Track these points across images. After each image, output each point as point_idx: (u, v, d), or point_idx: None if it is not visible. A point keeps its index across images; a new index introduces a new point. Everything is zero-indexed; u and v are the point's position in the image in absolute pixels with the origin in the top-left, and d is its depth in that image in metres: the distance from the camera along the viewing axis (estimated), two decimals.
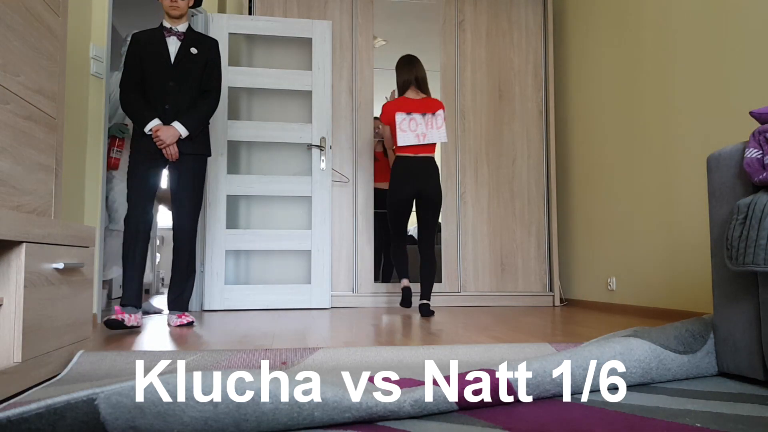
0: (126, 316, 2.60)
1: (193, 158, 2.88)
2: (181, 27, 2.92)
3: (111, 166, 3.49)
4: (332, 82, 4.16)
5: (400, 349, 1.93)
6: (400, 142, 3.41)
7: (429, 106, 3.47)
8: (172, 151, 2.79)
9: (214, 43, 2.97)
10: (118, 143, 3.52)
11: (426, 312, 3.36)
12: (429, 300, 3.42)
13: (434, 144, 3.48)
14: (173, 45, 2.89)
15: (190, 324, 2.86)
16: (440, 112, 3.47)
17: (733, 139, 2.89)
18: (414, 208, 3.54)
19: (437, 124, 3.43)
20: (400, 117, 3.42)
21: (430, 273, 3.44)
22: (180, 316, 2.86)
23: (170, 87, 2.84)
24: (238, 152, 4.11)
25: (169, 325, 2.88)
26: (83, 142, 3.11)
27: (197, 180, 2.89)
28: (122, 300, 2.69)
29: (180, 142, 2.82)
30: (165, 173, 3.00)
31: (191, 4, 2.94)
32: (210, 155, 2.99)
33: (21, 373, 1.42)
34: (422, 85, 3.52)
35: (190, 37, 2.92)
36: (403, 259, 3.54)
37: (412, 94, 3.51)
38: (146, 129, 2.76)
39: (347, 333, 2.55)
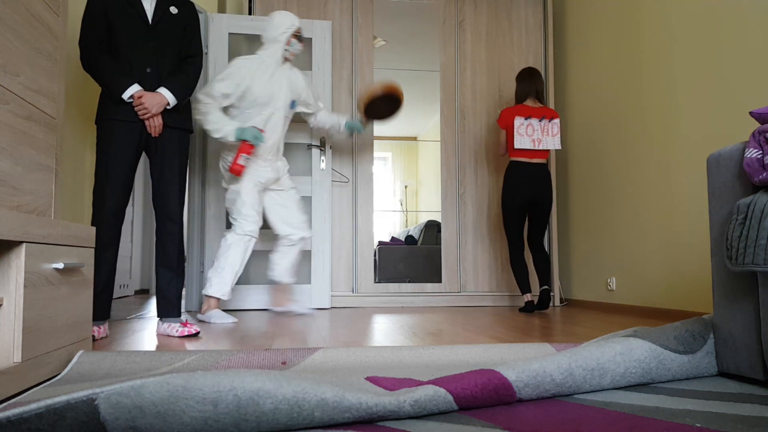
0: (96, 329, 2.34)
1: (179, 134, 2.51)
2: None
3: (234, 172, 3.03)
4: (332, 82, 4.17)
5: (400, 349, 1.93)
6: (517, 145, 3.59)
7: (546, 113, 3.66)
8: (157, 123, 2.39)
9: (192, 6, 2.63)
10: (248, 149, 3.01)
11: (545, 298, 3.54)
12: (549, 286, 3.62)
13: (548, 151, 3.67)
14: (148, 2, 2.48)
15: (196, 335, 2.44)
16: (556, 120, 3.65)
17: (733, 139, 2.89)
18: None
19: (553, 132, 3.62)
20: (518, 121, 3.60)
21: (545, 262, 3.65)
22: (185, 324, 2.44)
23: (150, 49, 2.43)
24: None
25: (162, 335, 2.47)
26: (83, 142, 3.10)
27: (183, 161, 2.52)
28: (101, 315, 2.39)
29: (164, 113, 2.44)
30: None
31: None
32: (193, 131, 2.63)
33: (21, 373, 1.42)
34: (540, 97, 3.74)
35: None
36: (524, 270, 3.67)
37: (530, 102, 3.71)
38: (125, 96, 2.34)
39: (347, 333, 2.55)
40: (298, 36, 3.22)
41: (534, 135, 3.58)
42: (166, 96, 2.41)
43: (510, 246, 3.70)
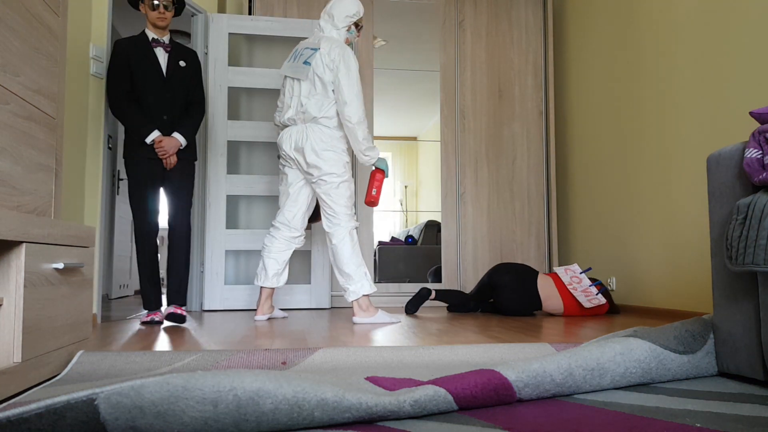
0: (158, 316, 2.97)
1: (187, 163, 3.06)
2: (166, 38, 3.04)
3: (376, 203, 3.07)
4: None
5: (400, 349, 1.93)
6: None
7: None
8: (173, 161, 2.96)
9: (195, 55, 3.15)
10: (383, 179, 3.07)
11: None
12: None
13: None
14: (162, 57, 3.00)
15: (182, 318, 2.89)
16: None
17: (733, 139, 2.89)
18: None
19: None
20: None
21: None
22: (177, 308, 2.96)
23: (166, 99, 2.98)
24: (238, 152, 4.11)
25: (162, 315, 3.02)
26: (83, 142, 3.11)
27: (191, 183, 3.08)
28: (149, 305, 2.99)
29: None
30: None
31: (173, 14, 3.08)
32: (197, 159, 3.17)
33: (21, 373, 1.42)
34: None
35: (176, 48, 3.06)
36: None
37: None
38: (147, 140, 2.89)
39: (347, 333, 2.56)
40: (360, 26, 3.16)
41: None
42: (180, 140, 2.97)
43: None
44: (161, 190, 3.04)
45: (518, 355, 1.96)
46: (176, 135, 2.96)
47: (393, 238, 5.30)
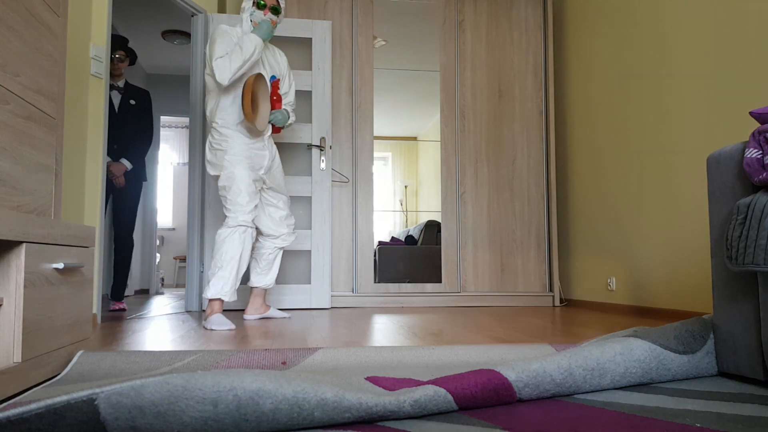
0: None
1: (135, 183, 3.90)
2: (121, 83, 3.93)
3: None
4: (332, 82, 4.17)
5: (400, 349, 1.93)
6: None
7: None
8: (121, 182, 3.83)
9: (147, 94, 3.98)
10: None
11: None
12: None
13: None
14: (116, 98, 3.88)
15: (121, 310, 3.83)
16: None
17: (733, 139, 2.89)
18: None
19: None
20: None
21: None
22: (120, 303, 3.90)
23: (117, 131, 3.79)
24: None
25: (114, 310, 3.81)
26: (83, 142, 3.10)
27: (137, 200, 3.97)
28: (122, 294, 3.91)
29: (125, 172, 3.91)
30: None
31: (127, 65, 3.93)
32: (146, 180, 4.07)
33: (21, 373, 1.42)
34: None
35: (128, 90, 3.94)
36: None
37: None
38: None
39: (347, 333, 2.55)
40: (258, 3, 2.94)
41: None
42: (126, 165, 3.85)
43: None
44: (112, 202, 3.87)
45: (518, 355, 1.96)
46: (123, 161, 3.82)
47: (393, 238, 5.30)
